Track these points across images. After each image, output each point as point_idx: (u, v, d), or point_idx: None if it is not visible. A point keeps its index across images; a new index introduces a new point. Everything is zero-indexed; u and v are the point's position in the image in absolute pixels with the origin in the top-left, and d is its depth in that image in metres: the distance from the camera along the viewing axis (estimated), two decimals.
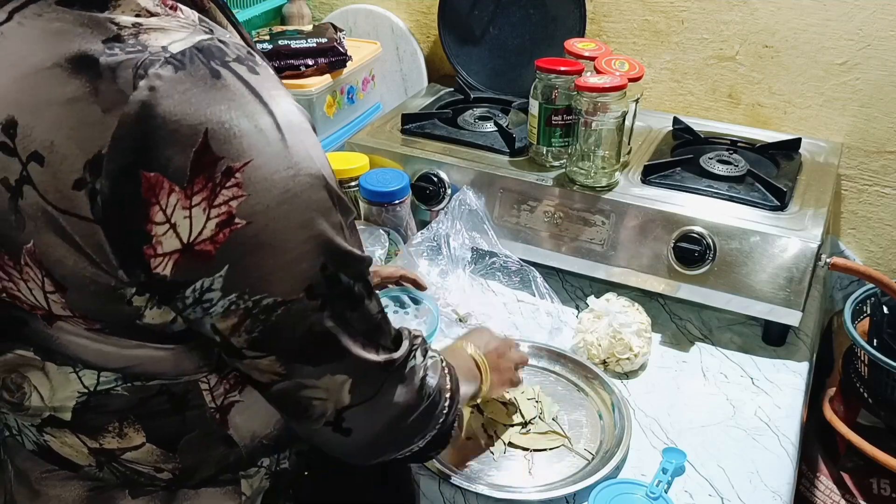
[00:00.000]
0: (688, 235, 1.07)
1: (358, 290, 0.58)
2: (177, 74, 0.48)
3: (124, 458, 0.62)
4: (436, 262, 1.16)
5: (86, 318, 0.54)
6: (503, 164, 1.23)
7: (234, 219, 0.49)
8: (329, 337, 0.56)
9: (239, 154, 0.49)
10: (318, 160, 0.53)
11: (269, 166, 0.50)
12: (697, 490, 0.88)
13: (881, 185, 1.34)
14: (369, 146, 1.30)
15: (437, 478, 0.88)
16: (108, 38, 0.49)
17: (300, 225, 0.52)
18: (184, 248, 0.49)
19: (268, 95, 0.51)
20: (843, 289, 1.39)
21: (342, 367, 0.58)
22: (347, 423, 0.60)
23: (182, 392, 0.60)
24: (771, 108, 1.37)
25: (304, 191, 0.51)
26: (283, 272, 0.52)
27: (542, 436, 0.94)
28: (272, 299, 0.52)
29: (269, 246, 0.51)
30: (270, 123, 0.50)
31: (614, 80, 1.08)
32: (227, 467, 0.66)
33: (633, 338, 1.03)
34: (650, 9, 1.39)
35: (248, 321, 0.53)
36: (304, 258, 0.53)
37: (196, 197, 0.48)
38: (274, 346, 0.55)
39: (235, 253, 0.50)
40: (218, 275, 0.51)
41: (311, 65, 1.36)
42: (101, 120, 0.47)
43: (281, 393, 0.58)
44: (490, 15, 1.46)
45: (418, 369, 0.65)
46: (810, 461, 1.23)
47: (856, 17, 1.25)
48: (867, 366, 1.12)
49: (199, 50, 0.49)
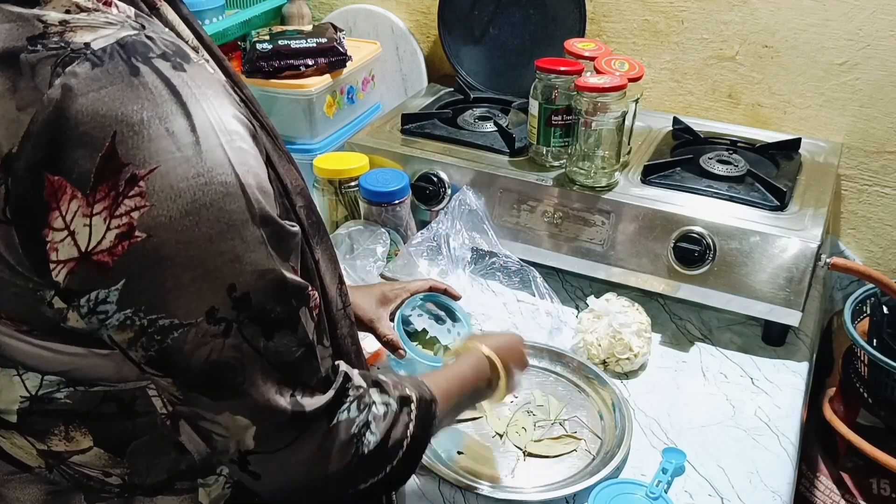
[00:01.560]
0: (688, 235, 1.07)
1: (277, 316, 0.53)
2: (93, 72, 0.46)
3: (72, 462, 0.61)
4: (436, 262, 1.16)
5: (13, 320, 0.53)
6: (503, 164, 1.23)
7: (135, 231, 0.47)
8: (227, 370, 0.51)
9: (145, 160, 0.46)
10: (239, 168, 0.50)
11: (176, 173, 0.47)
12: (697, 490, 0.88)
13: (881, 185, 1.34)
14: (369, 146, 1.30)
15: (437, 478, 0.88)
16: (32, 35, 0.48)
17: (206, 238, 0.48)
18: (80, 257, 0.47)
19: (188, 94, 0.48)
20: (843, 289, 1.39)
21: (242, 409, 0.53)
22: (254, 467, 0.56)
23: (129, 398, 0.58)
24: (771, 108, 1.37)
25: (214, 201, 0.48)
26: (182, 291, 0.49)
27: (556, 441, 0.94)
28: (168, 321, 0.49)
29: (169, 261, 0.48)
30: (184, 126, 0.48)
31: (614, 80, 1.08)
32: (180, 474, 0.64)
33: (633, 338, 1.03)
34: (650, 9, 1.39)
35: (144, 339, 0.50)
36: (208, 276, 0.49)
37: (98, 205, 0.46)
38: (170, 369, 0.52)
39: (133, 267, 0.48)
40: (114, 288, 0.48)
41: (311, 65, 1.36)
42: (16, 118, 0.46)
43: (183, 415, 0.56)
44: (490, 15, 1.46)
45: (349, 425, 0.59)
46: (810, 461, 1.23)
47: (856, 17, 1.25)
48: (867, 366, 1.12)
49: (121, 46, 0.48)
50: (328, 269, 0.66)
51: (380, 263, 1.15)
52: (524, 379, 0.99)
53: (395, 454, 0.63)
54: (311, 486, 0.59)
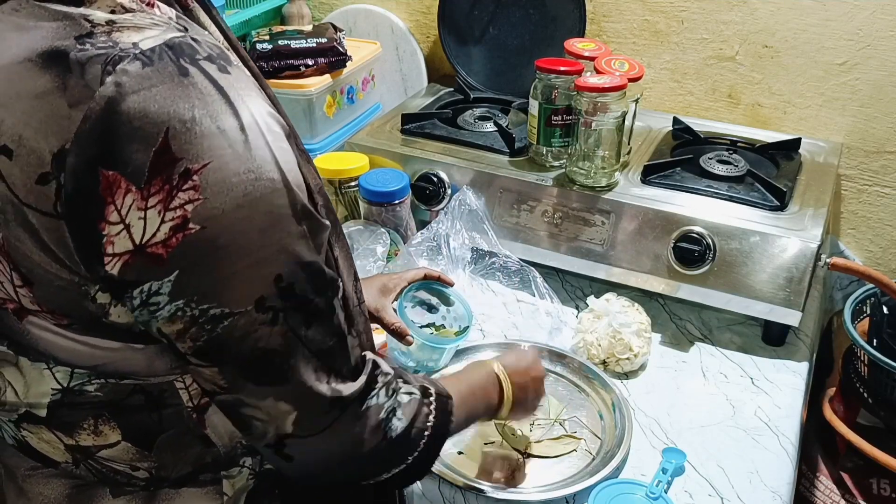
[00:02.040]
0: (688, 235, 1.07)
1: (316, 305, 0.56)
2: (144, 70, 0.47)
3: (100, 456, 0.62)
4: (436, 262, 1.16)
5: (53, 314, 0.54)
6: (503, 164, 1.23)
7: (189, 223, 0.48)
8: (275, 355, 0.54)
9: (198, 155, 0.48)
10: (283, 166, 0.52)
11: (228, 168, 0.49)
12: (697, 490, 0.88)
13: (881, 185, 1.34)
14: (369, 146, 1.30)
15: (437, 478, 0.88)
16: (80, 34, 0.49)
17: (257, 231, 0.51)
18: (135, 249, 0.49)
19: (235, 95, 0.50)
20: (843, 289, 1.39)
21: (286, 394, 0.56)
22: (289, 450, 0.59)
23: (157, 391, 0.60)
24: (771, 108, 1.37)
25: (263, 196, 0.50)
26: (233, 281, 0.51)
27: (557, 441, 0.94)
28: (219, 310, 0.51)
29: (222, 252, 0.50)
30: (234, 125, 0.49)
31: (614, 80, 1.08)
32: (205, 467, 0.65)
33: (633, 338, 1.03)
34: (650, 9, 1.39)
35: (194, 329, 0.52)
36: (257, 267, 0.51)
37: (152, 199, 0.48)
38: (217, 357, 0.54)
39: (187, 258, 0.49)
40: (167, 279, 0.50)
41: (311, 65, 1.36)
42: (67, 114, 0.47)
43: (223, 405, 0.58)
44: (490, 15, 1.46)
45: (378, 410, 0.62)
46: (810, 461, 1.23)
47: (856, 17, 1.25)
48: (867, 366, 1.12)
49: (169, 47, 0.49)
50: (345, 265, 0.68)
51: (380, 263, 1.15)
52: None
53: (417, 443, 0.65)
54: (340, 468, 0.61)
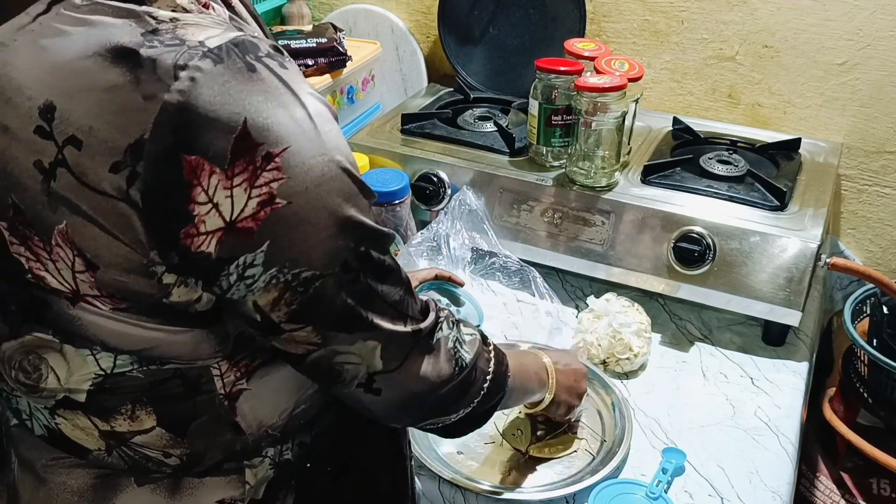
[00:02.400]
0: (688, 235, 1.07)
1: (387, 264, 0.61)
2: (216, 67, 0.50)
3: (134, 442, 0.64)
4: (436, 262, 1.16)
5: (112, 297, 0.56)
6: (503, 164, 1.23)
7: (275, 198, 0.52)
8: (362, 306, 0.60)
9: (277, 141, 0.52)
10: (344, 149, 0.57)
11: (305, 152, 0.53)
12: (697, 490, 0.88)
13: (881, 185, 1.34)
14: (369, 146, 1.30)
15: (437, 478, 0.88)
16: (146, 30, 0.51)
17: (336, 205, 0.55)
18: (227, 226, 0.52)
19: (298, 88, 0.54)
20: (843, 289, 1.39)
21: (373, 336, 0.61)
22: (378, 384, 0.64)
23: (195, 377, 0.62)
24: (771, 108, 1.37)
25: (337, 175, 0.55)
26: (320, 248, 0.55)
27: (557, 442, 0.94)
28: (310, 272, 0.56)
29: (307, 223, 0.54)
30: (304, 114, 0.54)
31: (614, 80, 1.08)
32: (232, 455, 0.67)
33: (633, 338, 1.03)
34: (650, 9, 1.39)
35: (288, 294, 0.56)
36: (338, 236, 0.56)
37: (237, 178, 0.51)
38: (312, 317, 0.58)
39: (276, 230, 0.53)
40: (259, 250, 0.53)
41: (311, 65, 1.36)
42: (142, 107, 0.49)
43: (315, 362, 0.61)
44: (490, 15, 1.46)
45: (445, 340, 0.68)
46: (810, 461, 1.23)
47: (856, 17, 1.25)
48: (867, 366, 1.12)
49: (234, 45, 0.52)
50: None
51: None
52: None
53: (481, 384, 0.72)
54: (420, 399, 0.67)
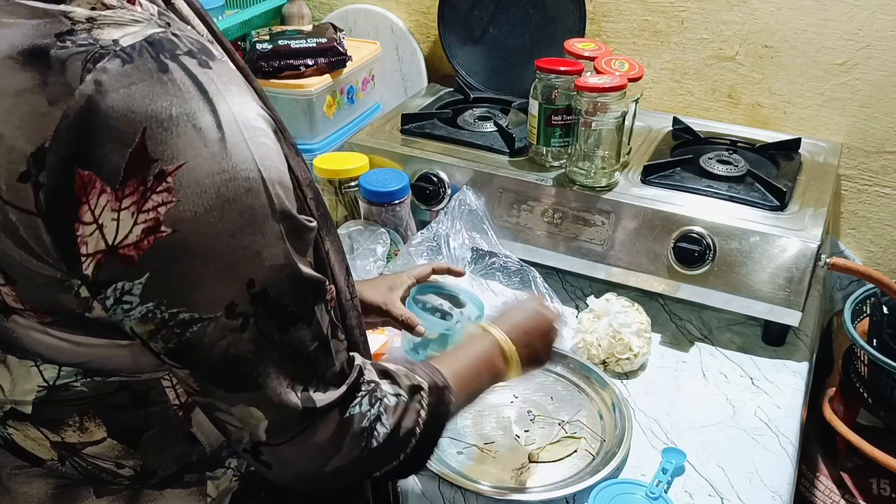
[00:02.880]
0: (688, 235, 1.07)
1: (293, 311, 0.55)
2: (123, 68, 0.47)
3: (86, 453, 0.62)
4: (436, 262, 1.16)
5: (37, 311, 0.54)
6: (503, 164, 1.23)
7: (161, 226, 0.48)
8: (244, 363, 0.54)
9: (173, 156, 0.48)
10: (262, 163, 0.51)
11: (202, 169, 0.48)
12: (697, 490, 0.88)
13: (881, 185, 1.34)
14: (369, 146, 1.30)
15: (437, 478, 0.88)
16: (60, 31, 0.49)
17: (228, 233, 0.50)
18: (108, 249, 0.49)
19: (214, 90, 0.50)
20: (843, 289, 1.39)
21: (256, 402, 0.55)
22: (266, 457, 0.58)
23: (143, 389, 0.60)
24: (771, 108, 1.37)
25: (237, 196, 0.50)
26: (204, 286, 0.50)
27: (557, 444, 0.94)
28: (189, 314, 0.51)
29: (192, 255, 0.49)
30: (211, 122, 0.49)
31: (614, 80, 1.08)
32: (190, 465, 0.65)
33: (633, 338, 1.03)
34: (650, 9, 1.39)
35: (164, 331, 0.52)
36: (228, 271, 0.51)
37: (126, 199, 0.47)
38: (189, 361, 0.54)
39: (157, 261, 0.49)
40: (138, 281, 0.50)
41: (311, 65, 1.36)
42: (46, 112, 0.47)
43: (199, 406, 0.58)
44: (490, 15, 1.46)
45: (361, 419, 0.60)
46: (810, 461, 1.23)
47: (856, 17, 1.25)
48: (867, 366, 1.12)
49: (149, 43, 0.49)
50: (337, 260, 0.68)
51: (380, 263, 1.15)
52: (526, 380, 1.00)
53: (407, 443, 0.64)
54: (321, 475, 0.60)
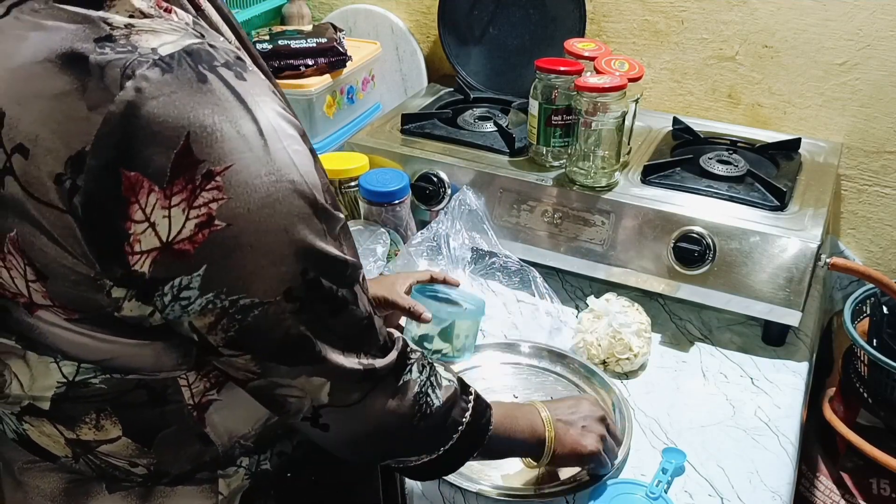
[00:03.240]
0: (688, 235, 1.07)
1: (342, 295, 0.58)
2: (163, 77, 0.48)
3: (100, 451, 0.63)
4: (436, 262, 1.16)
5: (65, 308, 0.55)
6: (503, 164, 1.23)
7: (214, 220, 0.50)
8: (305, 341, 0.57)
9: (220, 158, 0.49)
10: (301, 167, 0.54)
11: (250, 171, 0.50)
12: (697, 490, 0.88)
13: (881, 185, 1.34)
14: (369, 146, 1.30)
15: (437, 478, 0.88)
16: (99, 37, 0.50)
17: (281, 229, 0.53)
18: (163, 246, 0.50)
19: (252, 101, 0.52)
20: (843, 289, 1.39)
21: (318, 371, 0.59)
22: (325, 419, 0.61)
23: (161, 387, 0.61)
24: (771, 108, 1.37)
25: (285, 197, 0.52)
26: (261, 274, 0.53)
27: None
28: (249, 300, 0.53)
29: (248, 248, 0.52)
30: (253, 129, 0.51)
31: (614, 80, 1.08)
32: (203, 465, 0.66)
33: (633, 338, 1.03)
34: (650, 9, 1.39)
35: (225, 320, 0.54)
36: (283, 261, 0.53)
37: (175, 197, 0.49)
38: (250, 345, 0.56)
39: (214, 253, 0.51)
40: (196, 273, 0.51)
41: (311, 65, 1.36)
42: (86, 117, 0.48)
43: (257, 390, 0.59)
44: (490, 15, 1.46)
45: (413, 384, 0.65)
46: (810, 461, 1.23)
47: (856, 17, 1.25)
48: (867, 366, 1.12)
49: (187, 53, 0.50)
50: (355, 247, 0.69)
51: (380, 263, 1.15)
52: (525, 380, 1.00)
53: (451, 434, 0.69)
54: (374, 441, 0.64)
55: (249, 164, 0.50)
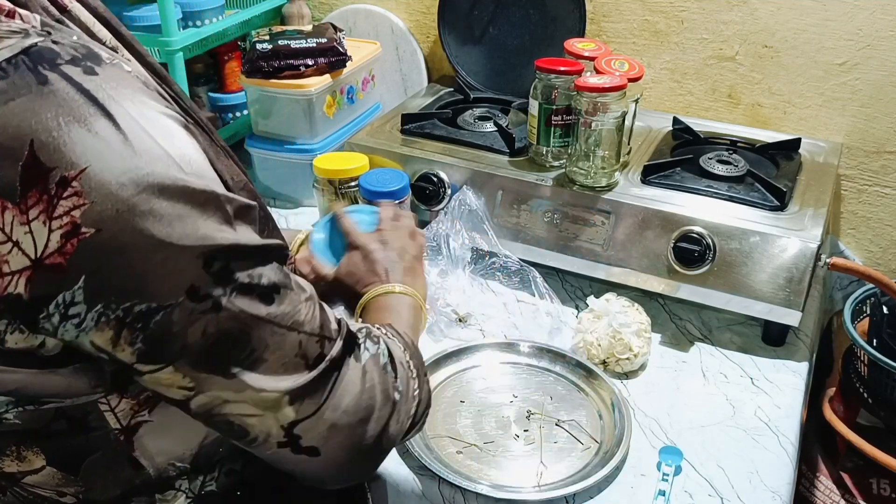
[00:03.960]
0: (688, 235, 1.07)
1: (268, 280, 0.54)
2: (1, 84, 0.45)
3: (25, 483, 0.60)
4: (436, 262, 1.16)
5: None
6: (503, 164, 1.23)
7: (80, 228, 0.46)
8: (232, 340, 0.52)
9: (72, 162, 0.46)
10: (178, 157, 0.49)
11: (111, 169, 0.46)
12: (697, 490, 0.88)
13: (881, 185, 1.34)
14: (369, 146, 1.30)
15: (437, 478, 0.88)
16: None
17: (166, 223, 0.48)
18: (33, 264, 0.47)
19: (105, 96, 0.48)
20: (843, 289, 1.39)
21: (263, 379, 0.53)
22: (307, 440, 0.55)
23: (81, 415, 0.57)
24: (771, 108, 1.37)
25: (161, 190, 0.48)
26: (154, 274, 0.49)
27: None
28: (145, 305, 0.49)
29: (128, 249, 0.47)
30: (107, 126, 0.47)
31: (614, 80, 1.08)
32: (136, 489, 0.62)
33: (633, 338, 1.03)
34: (650, 9, 1.39)
35: (125, 331, 0.49)
36: (176, 258, 0.49)
37: (32, 211, 0.46)
38: (166, 355, 0.51)
39: (90, 262, 0.47)
40: (77, 287, 0.47)
41: (311, 65, 1.36)
42: None
43: (203, 410, 0.54)
44: (490, 15, 1.46)
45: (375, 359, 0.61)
46: (810, 461, 1.23)
47: (856, 17, 1.25)
48: (867, 366, 1.12)
49: (26, 55, 0.47)
50: None
51: None
52: (525, 379, 1.00)
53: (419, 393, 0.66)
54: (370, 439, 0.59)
55: (109, 163, 0.46)
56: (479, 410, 0.98)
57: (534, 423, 0.96)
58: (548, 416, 0.97)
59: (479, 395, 1.01)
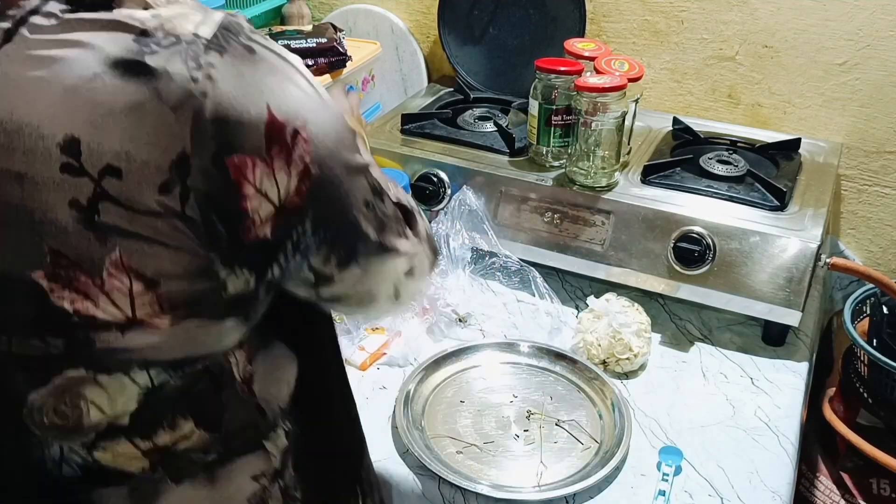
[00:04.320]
0: (688, 235, 1.07)
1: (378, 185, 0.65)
2: (223, 58, 0.50)
3: (176, 450, 0.62)
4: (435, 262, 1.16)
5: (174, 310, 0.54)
6: (503, 164, 1.23)
7: (310, 169, 0.54)
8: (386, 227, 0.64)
9: (297, 115, 0.53)
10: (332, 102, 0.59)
11: (321, 118, 0.55)
12: (697, 490, 0.88)
13: (881, 185, 1.34)
14: (369, 146, 1.30)
15: (437, 478, 0.88)
16: (135, 35, 0.49)
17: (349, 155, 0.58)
18: (278, 209, 0.53)
19: (285, 55, 0.55)
20: (843, 289, 1.39)
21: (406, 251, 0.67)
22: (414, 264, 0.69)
23: (218, 371, 0.61)
24: (771, 108, 1.37)
25: (344, 128, 0.58)
26: (349, 196, 0.59)
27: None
28: (345, 219, 0.59)
29: (334, 178, 0.57)
30: (305, 82, 0.55)
31: (614, 80, 1.08)
32: (260, 434, 0.67)
33: (633, 338, 1.03)
34: (650, 9, 1.39)
35: (336, 245, 0.59)
36: (355, 179, 0.59)
37: (276, 161, 0.52)
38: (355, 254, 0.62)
39: (316, 196, 0.56)
40: (307, 219, 0.56)
41: (311, 65, 1.36)
42: (174, 119, 0.48)
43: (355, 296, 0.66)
44: (490, 15, 1.46)
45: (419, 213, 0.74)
46: (810, 461, 1.23)
47: (856, 17, 1.25)
48: (867, 366, 1.12)
49: (225, 29, 0.52)
50: None
51: None
52: (525, 380, 1.00)
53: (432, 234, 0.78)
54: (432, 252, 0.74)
55: (318, 113, 0.55)
56: (479, 410, 0.98)
57: (534, 423, 0.96)
58: (548, 416, 0.97)
59: (479, 395, 1.01)
